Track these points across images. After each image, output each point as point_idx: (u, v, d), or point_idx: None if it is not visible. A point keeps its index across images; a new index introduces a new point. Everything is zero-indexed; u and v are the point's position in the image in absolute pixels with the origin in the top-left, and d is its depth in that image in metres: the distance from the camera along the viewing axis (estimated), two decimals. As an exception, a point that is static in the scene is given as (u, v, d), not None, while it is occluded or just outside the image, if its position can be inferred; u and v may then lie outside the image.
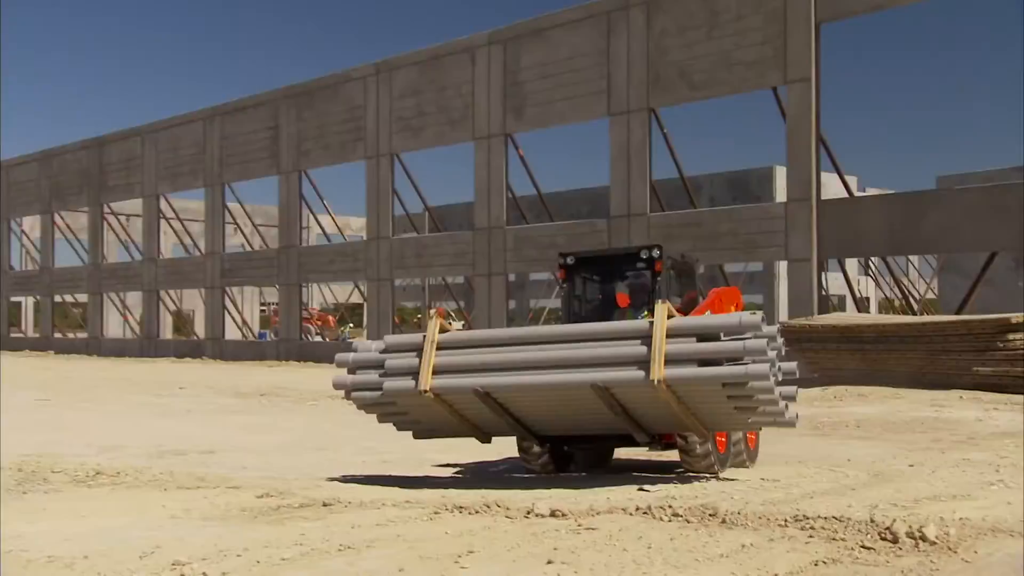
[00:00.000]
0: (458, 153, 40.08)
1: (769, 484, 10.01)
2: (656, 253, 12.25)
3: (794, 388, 10.20)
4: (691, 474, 10.86)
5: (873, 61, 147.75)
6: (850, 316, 29.41)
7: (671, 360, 9.73)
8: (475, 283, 38.66)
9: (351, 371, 11.10)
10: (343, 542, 5.65)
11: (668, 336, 9.92)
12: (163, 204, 53.44)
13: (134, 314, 56.83)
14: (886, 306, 52.80)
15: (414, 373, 10.49)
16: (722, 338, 9.79)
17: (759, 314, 9.80)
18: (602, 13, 34.17)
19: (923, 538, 5.55)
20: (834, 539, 5.37)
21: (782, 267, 41.12)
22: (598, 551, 5.24)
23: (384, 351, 11.16)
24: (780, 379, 9.76)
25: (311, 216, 52.22)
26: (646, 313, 12.04)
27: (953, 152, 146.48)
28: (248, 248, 55.67)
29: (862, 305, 36.91)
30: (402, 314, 56.43)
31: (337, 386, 11.15)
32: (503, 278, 37.23)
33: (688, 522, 6.04)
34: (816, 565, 4.83)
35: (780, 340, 10.17)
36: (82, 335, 59.48)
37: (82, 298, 60.35)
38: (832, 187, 32.25)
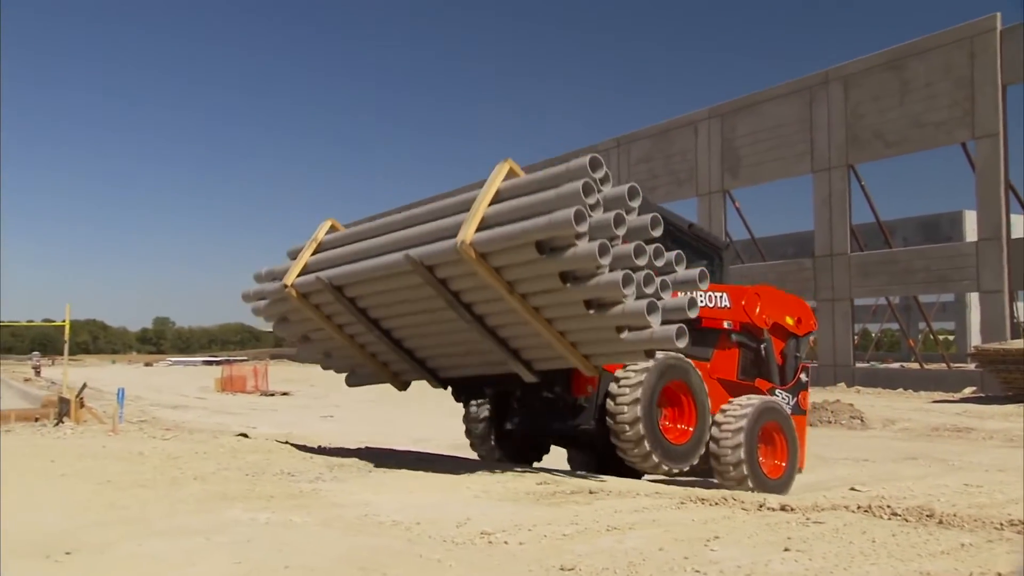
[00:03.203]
0: (685, 207, 39.85)
1: (973, 489, 9.10)
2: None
3: (683, 300, 6.97)
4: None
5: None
6: (1041, 341, 26.43)
7: (491, 225, 6.70)
8: (699, 312, 37.85)
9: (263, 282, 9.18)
10: (609, 523, 5.58)
11: (497, 200, 6.87)
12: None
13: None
14: (1074, 332, 47.09)
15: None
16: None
17: (590, 157, 6.56)
18: (805, 88, 32.85)
19: None
20: (1050, 543, 4.78)
21: (973, 298, 37.73)
22: (827, 542, 4.91)
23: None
24: (644, 264, 6.61)
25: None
26: None
27: None
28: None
29: (1051, 331, 33.11)
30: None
31: (244, 297, 9.42)
32: (723, 308, 36.23)
33: (906, 521, 5.55)
34: (1035, 566, 4.30)
35: (647, 219, 6.68)
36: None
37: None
38: (1020, 227, 29.27)
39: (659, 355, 8.15)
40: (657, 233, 6.76)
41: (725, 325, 9.55)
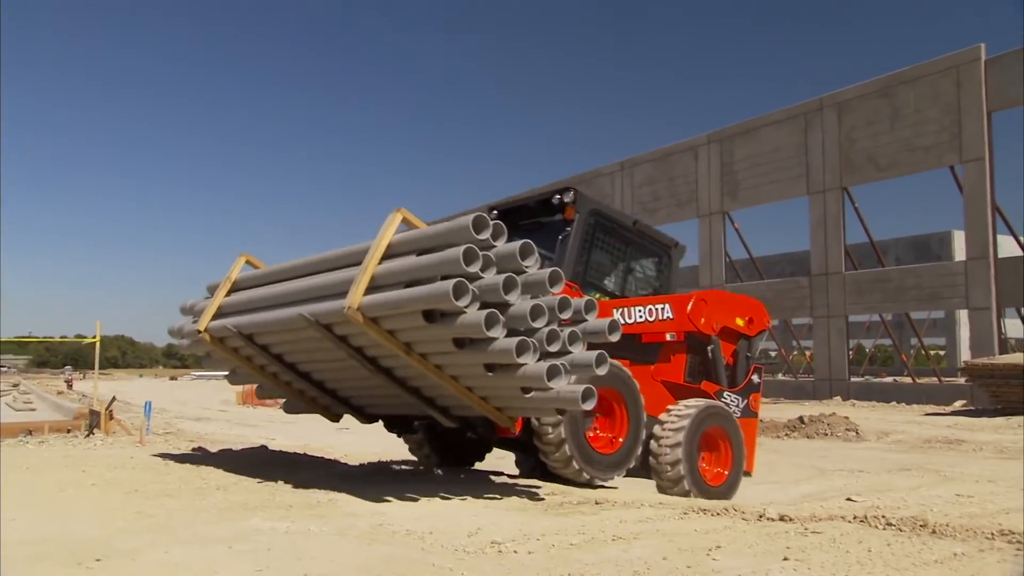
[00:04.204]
0: (687, 228, 39.80)
1: (964, 500, 9.00)
2: (569, 198, 8.00)
3: (591, 356, 6.22)
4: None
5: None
6: (1028, 356, 26.23)
7: (380, 286, 6.12)
8: (700, 328, 37.74)
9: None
10: (615, 533, 5.54)
11: (389, 255, 6.26)
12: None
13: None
14: (1061, 347, 46.77)
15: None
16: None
17: (474, 217, 5.85)
18: (800, 114, 32.89)
19: None
20: (1040, 553, 4.72)
21: (963, 315, 37.56)
22: (824, 552, 4.86)
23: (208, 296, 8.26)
24: (543, 325, 5.95)
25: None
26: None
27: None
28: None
29: (1038, 346, 32.91)
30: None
31: (170, 333, 8.78)
32: (723, 325, 36.15)
33: (901, 531, 5.48)
34: (1026, 576, 4.25)
35: (544, 274, 5.96)
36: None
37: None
38: (1007, 247, 29.14)
39: None
40: (557, 290, 6.10)
41: (668, 338, 8.81)
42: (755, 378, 9.71)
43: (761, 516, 6.21)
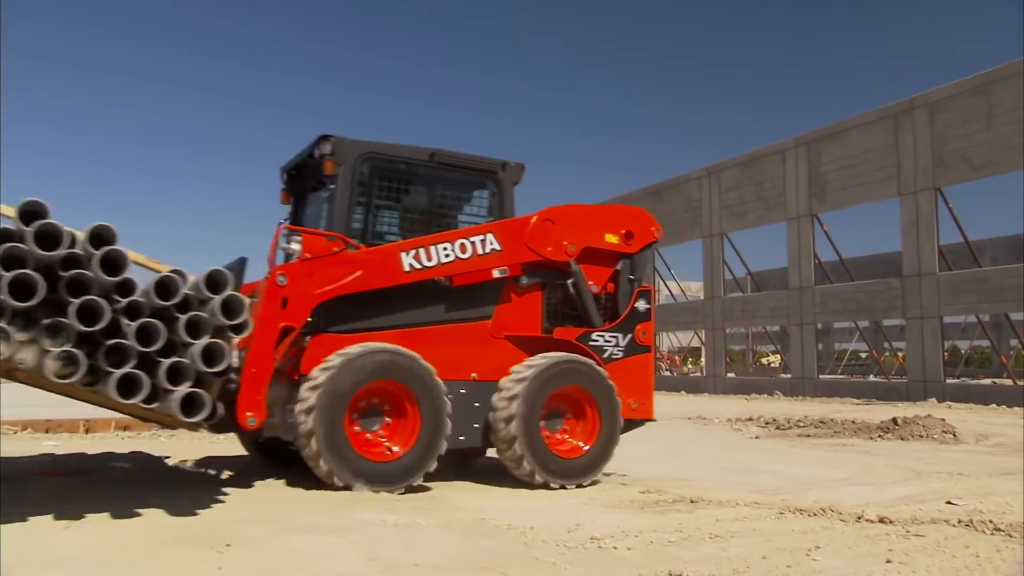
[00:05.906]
0: (775, 231, 38.56)
1: (1071, 505, 8.38)
2: (326, 149, 6.50)
3: (196, 351, 5.03)
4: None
5: None
6: None
7: None
8: (790, 331, 36.57)
9: None
10: (712, 531, 5.41)
11: None
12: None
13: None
14: None
15: None
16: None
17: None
18: (890, 115, 31.50)
19: None
20: None
21: (1066, 315, 35.11)
22: (929, 555, 4.60)
23: None
24: (146, 327, 4.84)
25: (661, 282, 52.23)
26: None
27: None
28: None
29: None
30: (731, 355, 54.03)
31: None
32: (812, 327, 34.96)
33: (1011, 536, 5.14)
34: None
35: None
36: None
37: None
38: (1114, 245, 27.17)
39: (359, 348, 6.20)
40: (109, 267, 4.79)
41: (496, 274, 7.14)
42: (640, 305, 7.81)
43: (860, 517, 5.96)
